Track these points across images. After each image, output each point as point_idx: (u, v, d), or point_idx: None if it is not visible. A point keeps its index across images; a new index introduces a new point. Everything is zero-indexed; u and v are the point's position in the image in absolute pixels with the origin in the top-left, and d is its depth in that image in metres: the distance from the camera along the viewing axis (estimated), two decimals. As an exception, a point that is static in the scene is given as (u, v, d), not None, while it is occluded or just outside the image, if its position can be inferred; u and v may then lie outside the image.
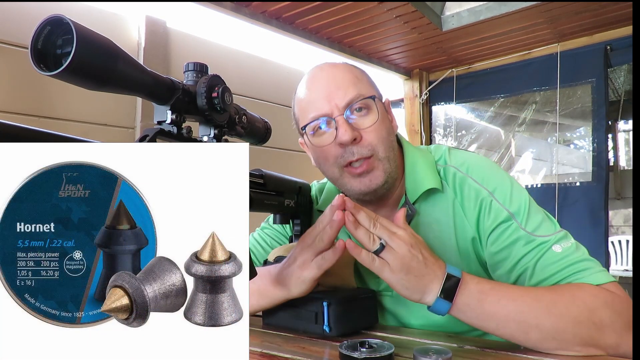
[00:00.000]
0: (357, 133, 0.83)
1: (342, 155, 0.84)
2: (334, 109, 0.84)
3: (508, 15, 2.29)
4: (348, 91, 0.84)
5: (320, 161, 0.90)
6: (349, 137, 0.82)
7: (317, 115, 0.85)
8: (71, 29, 0.39)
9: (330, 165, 0.87)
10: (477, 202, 0.84)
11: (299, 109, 0.91)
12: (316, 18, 2.26)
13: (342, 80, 0.86)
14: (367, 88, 0.88)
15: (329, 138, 0.85)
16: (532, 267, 0.77)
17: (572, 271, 0.75)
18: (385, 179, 0.86)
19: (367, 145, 0.84)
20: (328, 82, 0.86)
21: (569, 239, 0.79)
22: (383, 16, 2.26)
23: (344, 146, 0.83)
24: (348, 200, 0.73)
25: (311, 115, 0.86)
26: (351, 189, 0.87)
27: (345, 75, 0.87)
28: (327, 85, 0.86)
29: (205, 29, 2.23)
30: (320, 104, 0.85)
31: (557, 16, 2.36)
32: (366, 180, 0.85)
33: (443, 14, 2.47)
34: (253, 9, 2.13)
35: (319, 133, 0.87)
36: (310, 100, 0.87)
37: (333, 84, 0.85)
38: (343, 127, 0.82)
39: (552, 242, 0.78)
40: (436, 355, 0.59)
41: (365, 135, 0.84)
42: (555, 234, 0.79)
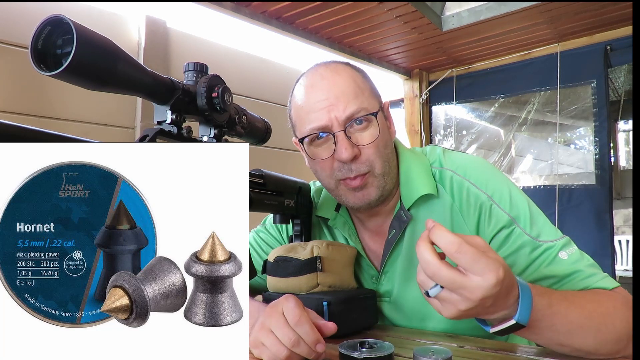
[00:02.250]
0: (356, 150, 0.81)
1: (340, 170, 0.83)
2: (334, 122, 0.81)
3: (508, 15, 2.29)
4: (349, 104, 0.81)
5: (316, 170, 0.89)
6: (348, 156, 0.80)
7: (315, 128, 0.82)
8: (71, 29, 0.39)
9: (327, 177, 0.86)
10: (477, 207, 0.83)
11: (296, 115, 0.88)
12: (316, 18, 2.26)
13: (343, 92, 0.82)
14: (369, 99, 0.84)
15: (327, 151, 0.83)
16: (542, 275, 0.76)
17: (581, 277, 0.75)
18: (379, 194, 0.85)
19: (364, 161, 0.82)
20: (328, 92, 0.82)
21: (573, 245, 0.79)
22: (383, 16, 2.26)
23: (343, 162, 0.82)
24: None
25: (309, 127, 0.83)
26: (346, 201, 0.87)
27: (347, 84, 0.83)
28: (327, 97, 0.82)
29: (205, 29, 2.23)
30: (320, 115, 0.82)
31: (557, 16, 2.36)
32: (360, 195, 0.84)
33: (443, 14, 2.47)
34: (253, 9, 2.13)
35: (316, 144, 0.85)
36: (309, 110, 0.84)
37: (333, 96, 0.82)
38: (343, 144, 0.80)
39: (558, 249, 0.77)
40: (436, 356, 0.59)
41: (364, 150, 0.82)
42: (559, 240, 0.78)
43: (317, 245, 0.86)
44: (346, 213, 0.97)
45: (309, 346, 0.63)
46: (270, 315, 0.67)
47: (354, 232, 0.96)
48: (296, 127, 0.89)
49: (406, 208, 0.87)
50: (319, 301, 0.79)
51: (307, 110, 0.84)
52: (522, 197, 0.84)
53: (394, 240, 0.88)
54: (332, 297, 0.80)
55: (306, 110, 0.84)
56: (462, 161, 0.89)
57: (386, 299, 0.93)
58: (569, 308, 0.66)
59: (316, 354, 0.64)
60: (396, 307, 0.92)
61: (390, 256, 0.90)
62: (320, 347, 0.63)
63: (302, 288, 0.84)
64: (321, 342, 0.64)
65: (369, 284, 0.95)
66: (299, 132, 0.87)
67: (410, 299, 0.90)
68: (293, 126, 0.91)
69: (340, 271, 0.88)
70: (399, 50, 2.79)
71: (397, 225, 0.88)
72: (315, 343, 0.63)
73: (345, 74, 0.85)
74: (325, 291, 0.85)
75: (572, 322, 0.65)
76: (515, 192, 0.84)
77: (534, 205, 0.84)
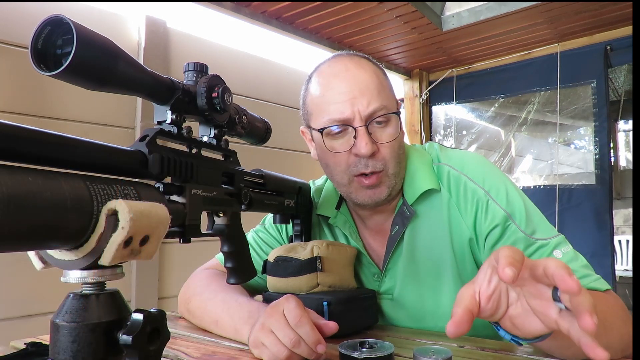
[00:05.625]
0: (375, 147, 0.81)
1: (356, 165, 0.82)
2: (356, 116, 0.80)
3: (508, 15, 2.29)
4: (372, 100, 0.80)
5: (328, 164, 0.87)
6: (368, 151, 0.79)
7: (337, 119, 0.81)
8: (71, 29, 0.39)
9: (341, 172, 0.85)
10: (474, 203, 0.83)
11: (313, 103, 0.86)
12: (316, 18, 2.26)
13: (367, 86, 0.81)
14: (389, 98, 0.84)
15: (345, 145, 0.82)
16: None
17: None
18: (388, 194, 0.85)
19: (381, 159, 0.82)
20: (352, 85, 0.81)
21: (567, 244, 0.79)
22: (383, 16, 2.26)
23: (359, 157, 0.81)
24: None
25: (329, 118, 0.82)
26: (355, 198, 0.86)
27: (371, 80, 0.82)
28: (351, 89, 0.81)
29: (205, 29, 2.23)
30: (342, 107, 0.80)
31: (557, 16, 2.36)
32: (371, 192, 0.84)
33: (443, 14, 2.47)
34: (253, 9, 2.13)
35: (334, 136, 0.83)
36: (330, 100, 0.82)
37: (357, 89, 0.81)
38: (364, 139, 0.79)
39: (552, 247, 0.77)
40: (436, 356, 0.59)
41: (382, 148, 0.82)
42: (554, 238, 0.78)
43: (317, 245, 0.86)
44: (347, 211, 0.97)
45: (310, 347, 0.63)
46: (271, 316, 0.67)
47: (354, 230, 0.96)
48: (312, 115, 0.87)
49: (409, 204, 0.88)
50: (319, 301, 0.79)
51: (328, 100, 0.83)
52: (518, 193, 0.84)
53: (397, 237, 0.89)
54: (332, 297, 0.80)
55: (327, 100, 0.83)
56: (459, 157, 0.89)
57: (388, 296, 0.93)
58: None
59: (317, 355, 0.64)
60: (398, 305, 0.92)
61: (393, 254, 0.90)
62: (321, 348, 0.63)
63: (302, 288, 0.84)
64: (322, 342, 0.64)
65: (371, 281, 0.95)
66: (316, 122, 0.85)
67: (412, 297, 0.90)
68: (307, 114, 0.89)
69: (340, 271, 0.88)
70: (399, 50, 2.79)
71: (400, 221, 0.88)
72: (316, 344, 0.63)
73: (369, 68, 0.85)
74: (325, 291, 0.85)
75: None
76: (511, 189, 0.84)
77: (530, 202, 0.84)
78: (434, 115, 3.32)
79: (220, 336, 0.82)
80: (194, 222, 0.57)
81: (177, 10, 2.10)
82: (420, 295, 0.89)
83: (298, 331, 0.64)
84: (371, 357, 0.61)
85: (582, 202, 2.61)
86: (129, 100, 1.87)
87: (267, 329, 0.66)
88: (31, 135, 0.37)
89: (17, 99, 1.55)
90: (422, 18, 2.30)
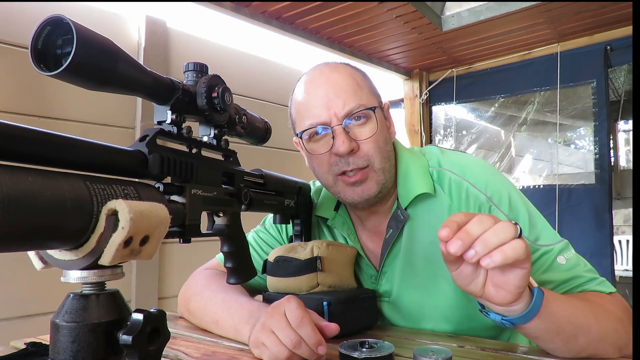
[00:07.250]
0: (354, 144, 0.81)
1: (337, 164, 0.83)
2: (333, 118, 0.82)
3: (508, 15, 2.29)
4: (348, 100, 0.82)
5: (314, 166, 0.89)
6: (346, 149, 0.80)
7: (314, 123, 0.83)
8: (71, 29, 0.39)
9: (325, 173, 0.86)
10: (476, 208, 0.83)
11: (296, 111, 0.89)
12: (316, 18, 2.26)
13: (342, 88, 0.83)
14: (368, 97, 0.85)
15: (325, 146, 0.84)
16: (540, 281, 0.76)
17: (579, 282, 0.75)
18: (378, 190, 0.85)
19: (363, 156, 0.82)
20: (328, 88, 0.83)
21: (570, 249, 0.79)
22: (383, 16, 2.26)
23: (340, 156, 0.82)
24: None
25: (308, 122, 0.84)
26: (344, 197, 0.87)
27: (346, 81, 0.84)
28: (327, 92, 0.83)
29: (205, 29, 2.23)
30: (319, 111, 0.83)
31: (557, 16, 2.36)
32: (359, 190, 0.84)
33: (443, 14, 2.47)
34: (253, 9, 2.13)
35: (315, 139, 0.85)
36: (308, 106, 0.85)
37: (332, 91, 0.83)
38: (340, 138, 0.81)
39: (556, 253, 0.77)
40: (436, 356, 0.59)
41: (363, 145, 0.82)
42: (557, 244, 0.78)
43: (317, 245, 0.86)
44: (345, 213, 0.97)
45: (311, 348, 0.63)
46: (272, 316, 0.67)
47: (352, 231, 0.96)
48: (296, 123, 0.90)
49: (403, 207, 0.87)
50: (319, 301, 0.79)
51: (306, 105, 0.85)
52: (521, 199, 0.84)
53: (391, 240, 0.88)
54: (332, 297, 0.80)
55: (305, 105, 0.85)
56: (461, 161, 0.89)
57: (385, 299, 0.93)
58: (571, 308, 0.66)
59: (317, 356, 0.64)
60: (395, 307, 0.92)
61: (389, 256, 0.90)
62: (322, 349, 0.63)
63: (302, 288, 0.84)
64: (323, 344, 0.64)
65: (368, 284, 0.95)
66: (298, 128, 0.88)
67: (409, 300, 0.90)
68: (293, 123, 0.92)
69: (340, 271, 0.88)
70: (399, 50, 2.79)
71: (394, 224, 0.88)
72: (317, 345, 0.63)
73: (344, 71, 0.86)
74: (325, 291, 0.85)
75: (575, 322, 0.65)
76: (514, 194, 0.83)
77: (533, 208, 0.84)
78: (434, 115, 3.32)
79: (221, 336, 0.82)
80: (194, 222, 0.57)
81: (177, 10, 2.10)
82: (418, 299, 0.89)
83: (299, 332, 0.64)
84: (371, 357, 0.61)
85: (582, 201, 2.61)
86: (129, 100, 1.87)
87: (268, 329, 0.66)
88: (31, 135, 0.37)
89: (17, 99, 1.55)
90: (422, 18, 2.30)
